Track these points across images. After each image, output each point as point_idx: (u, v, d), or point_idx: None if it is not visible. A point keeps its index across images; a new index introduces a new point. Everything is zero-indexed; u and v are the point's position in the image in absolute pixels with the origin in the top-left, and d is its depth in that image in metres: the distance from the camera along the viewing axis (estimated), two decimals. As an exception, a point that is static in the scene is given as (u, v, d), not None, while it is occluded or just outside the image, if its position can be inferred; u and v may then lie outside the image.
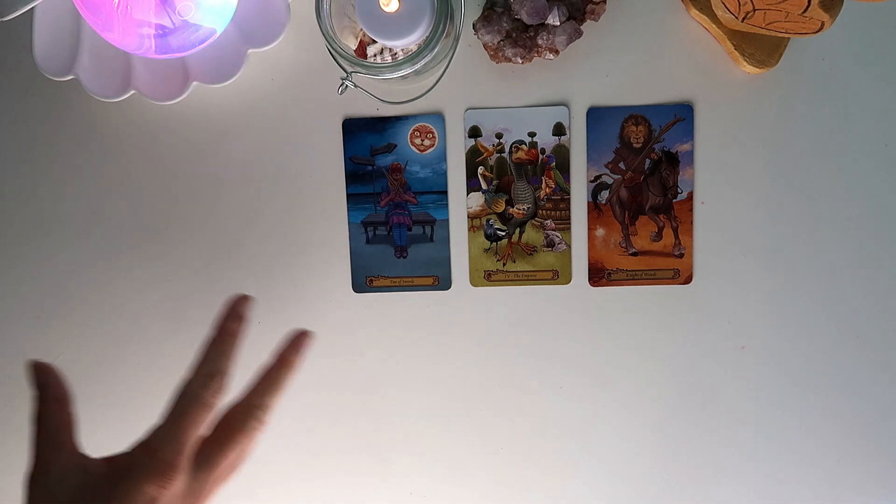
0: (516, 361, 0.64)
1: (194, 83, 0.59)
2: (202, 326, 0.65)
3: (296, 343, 0.53)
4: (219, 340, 0.51)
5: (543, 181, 0.63)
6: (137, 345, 0.65)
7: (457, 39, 0.57)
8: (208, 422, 0.48)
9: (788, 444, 0.63)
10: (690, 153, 0.62)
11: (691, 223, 0.62)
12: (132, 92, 0.59)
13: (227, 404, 0.50)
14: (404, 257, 0.64)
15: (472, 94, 0.62)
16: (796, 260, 0.62)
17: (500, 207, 0.63)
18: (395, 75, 0.55)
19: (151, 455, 0.46)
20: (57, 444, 0.48)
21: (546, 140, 0.62)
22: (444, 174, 0.63)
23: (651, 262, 0.63)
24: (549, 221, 0.63)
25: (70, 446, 0.48)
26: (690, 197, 0.62)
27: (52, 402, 0.50)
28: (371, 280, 0.64)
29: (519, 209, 0.63)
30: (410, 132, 0.63)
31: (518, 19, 0.59)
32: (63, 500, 0.46)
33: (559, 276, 0.63)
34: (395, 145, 0.63)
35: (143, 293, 0.65)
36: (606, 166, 0.62)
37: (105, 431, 0.68)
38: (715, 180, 0.62)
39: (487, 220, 0.63)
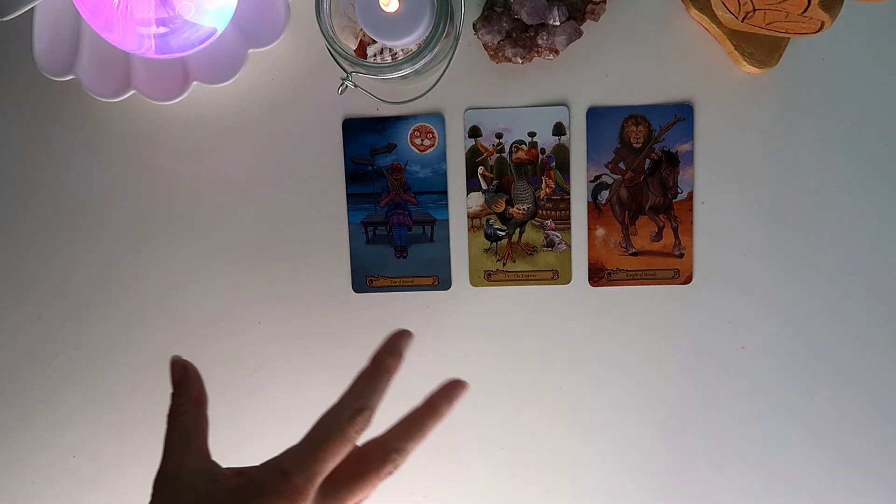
0: (516, 361, 0.64)
1: (194, 83, 0.59)
2: (202, 326, 0.65)
3: (448, 391, 0.50)
4: (373, 375, 0.48)
5: (543, 181, 0.63)
6: (137, 345, 0.65)
7: (457, 39, 0.57)
8: (344, 456, 0.46)
9: (788, 444, 0.63)
10: (690, 153, 0.62)
11: (691, 223, 0.62)
12: (132, 92, 0.59)
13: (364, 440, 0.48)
14: (404, 257, 0.64)
15: (472, 94, 0.62)
16: (796, 260, 0.62)
17: (500, 207, 0.63)
18: (395, 75, 0.55)
19: (283, 477, 0.45)
20: (189, 446, 0.47)
21: (546, 140, 0.62)
22: (444, 174, 0.63)
23: (651, 262, 0.63)
24: (549, 221, 0.63)
25: (202, 451, 0.47)
26: (690, 197, 0.62)
27: (190, 402, 0.48)
28: (371, 280, 0.64)
29: (519, 209, 0.63)
30: (410, 132, 0.63)
31: (518, 19, 0.59)
32: None
33: (559, 276, 0.63)
34: (395, 145, 0.63)
35: (142, 293, 0.65)
36: (606, 166, 0.62)
37: (104, 431, 0.68)
38: (715, 180, 0.62)
39: (487, 220, 0.63)
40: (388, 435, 0.48)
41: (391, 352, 0.49)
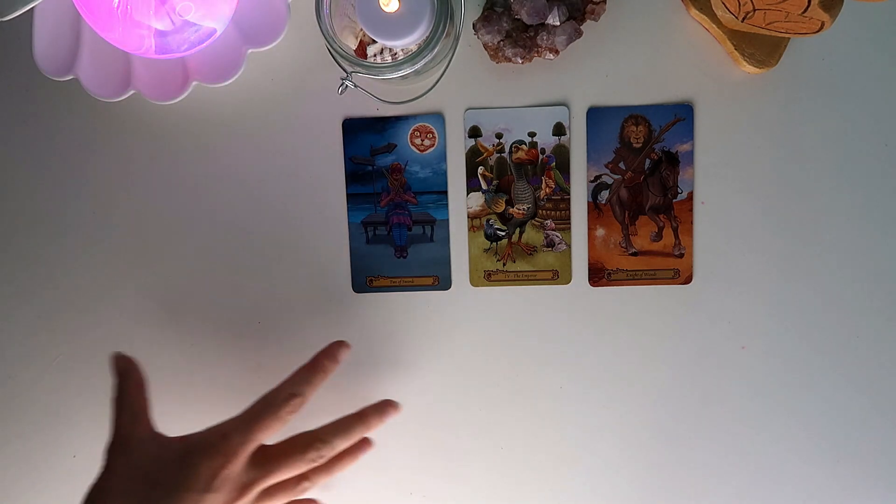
0: (516, 361, 0.64)
1: (194, 83, 0.59)
2: (202, 326, 0.65)
3: (381, 409, 0.60)
4: (310, 370, 0.58)
5: (543, 181, 0.63)
6: (137, 345, 0.65)
7: (457, 39, 0.57)
8: (277, 432, 0.55)
9: (788, 444, 0.63)
10: (690, 153, 0.62)
11: (691, 223, 0.62)
12: (132, 92, 0.59)
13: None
14: (404, 257, 0.64)
15: (472, 94, 0.62)
16: (796, 260, 0.62)
17: (500, 207, 0.63)
18: (395, 75, 0.55)
19: (224, 438, 0.53)
20: (137, 419, 0.55)
21: (546, 140, 0.62)
22: (444, 174, 0.63)
23: (651, 262, 0.63)
24: (549, 221, 0.63)
25: (149, 423, 0.55)
26: (690, 197, 0.62)
27: (133, 385, 0.56)
28: (371, 280, 0.64)
29: (519, 209, 0.63)
30: (410, 132, 0.63)
31: (518, 19, 0.59)
32: (142, 465, 0.53)
33: (559, 276, 0.63)
34: (395, 145, 0.63)
35: (142, 292, 0.65)
36: (606, 166, 0.62)
37: (104, 431, 0.68)
38: (715, 180, 0.62)
39: (487, 220, 0.63)
40: (319, 428, 0.58)
41: (330, 356, 0.59)
